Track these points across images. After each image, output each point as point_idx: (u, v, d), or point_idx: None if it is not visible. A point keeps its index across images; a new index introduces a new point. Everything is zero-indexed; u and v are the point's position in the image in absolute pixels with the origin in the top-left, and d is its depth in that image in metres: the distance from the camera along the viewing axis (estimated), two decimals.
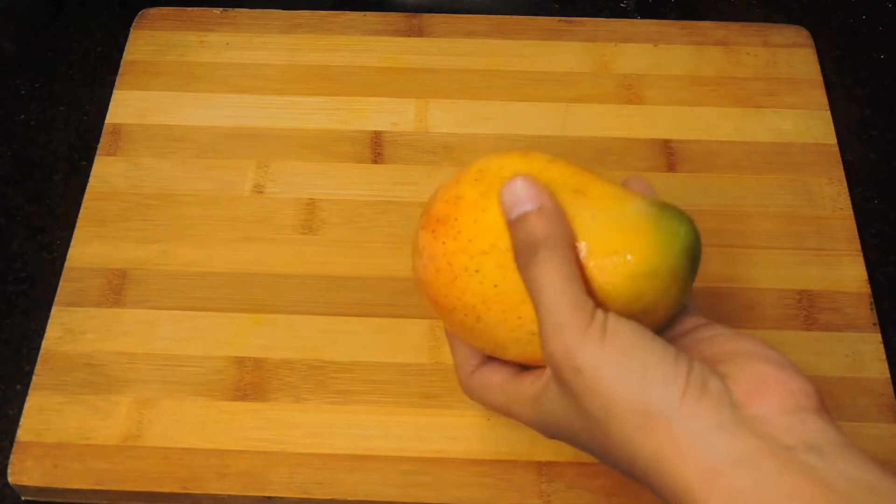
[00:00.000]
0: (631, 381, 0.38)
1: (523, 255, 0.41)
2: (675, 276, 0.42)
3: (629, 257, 0.41)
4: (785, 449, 0.36)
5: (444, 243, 0.44)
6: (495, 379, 0.46)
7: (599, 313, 0.40)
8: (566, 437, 0.43)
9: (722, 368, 0.39)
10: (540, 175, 0.43)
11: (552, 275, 0.40)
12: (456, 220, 0.44)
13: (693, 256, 0.43)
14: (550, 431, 0.44)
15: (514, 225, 0.42)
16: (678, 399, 0.37)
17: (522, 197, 0.42)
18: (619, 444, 0.39)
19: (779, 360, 0.40)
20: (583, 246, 0.41)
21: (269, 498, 0.55)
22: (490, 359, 0.47)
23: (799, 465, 0.35)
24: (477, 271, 0.43)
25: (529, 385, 0.44)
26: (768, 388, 0.38)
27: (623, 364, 0.38)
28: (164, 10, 0.74)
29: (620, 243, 0.41)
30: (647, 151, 0.67)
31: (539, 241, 0.41)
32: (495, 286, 0.43)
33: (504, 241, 0.42)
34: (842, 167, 0.66)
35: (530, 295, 0.41)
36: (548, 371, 0.42)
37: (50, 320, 0.60)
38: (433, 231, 0.45)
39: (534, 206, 0.41)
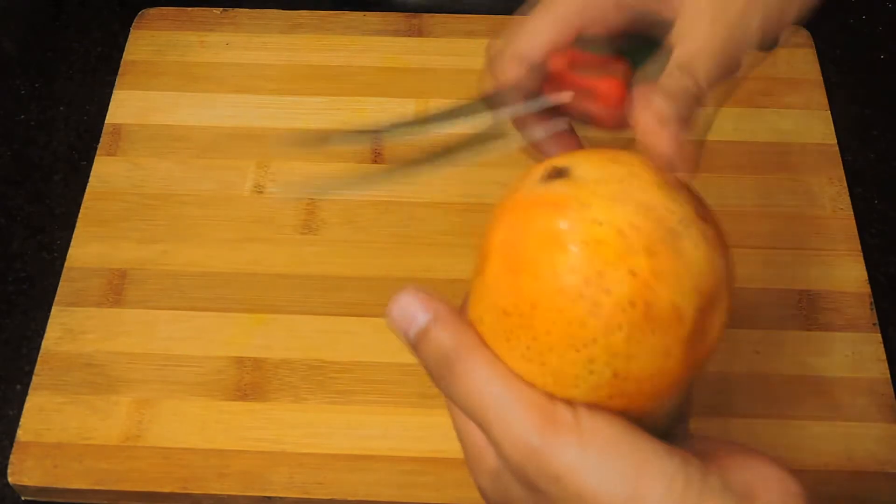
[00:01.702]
0: (624, 482, 0.33)
1: (438, 372, 0.35)
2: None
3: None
4: None
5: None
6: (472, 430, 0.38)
7: (563, 409, 0.34)
8: None
9: (721, 463, 0.35)
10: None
11: (484, 381, 0.34)
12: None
13: None
14: None
15: (416, 347, 0.36)
16: (679, 495, 0.33)
17: (414, 311, 0.36)
18: None
19: (776, 461, 0.36)
20: None
21: (269, 498, 0.55)
22: None
23: None
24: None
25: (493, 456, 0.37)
26: (768, 485, 0.34)
27: (611, 464, 0.33)
28: (164, 10, 0.74)
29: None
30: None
31: (450, 352, 0.35)
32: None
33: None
34: (842, 167, 0.66)
35: (471, 417, 0.35)
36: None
37: (50, 320, 0.60)
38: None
39: (427, 315, 0.36)
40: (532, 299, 0.33)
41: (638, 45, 0.39)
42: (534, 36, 0.39)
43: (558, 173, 0.35)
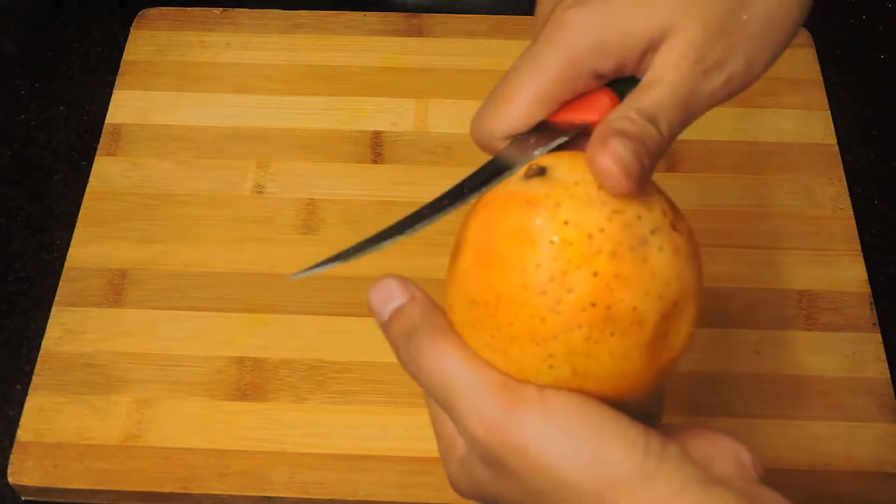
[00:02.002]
0: (586, 453, 0.34)
1: (407, 350, 0.37)
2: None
3: None
4: (754, 500, 0.34)
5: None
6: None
7: (529, 387, 0.35)
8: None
9: (678, 434, 0.36)
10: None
11: (450, 361, 0.35)
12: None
13: None
14: (474, 497, 0.40)
15: (388, 325, 0.38)
16: (640, 464, 0.34)
17: (393, 291, 0.38)
18: None
19: (727, 435, 0.37)
20: None
21: (269, 498, 0.55)
22: None
23: None
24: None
25: (462, 444, 0.38)
26: (725, 455, 0.36)
27: (574, 436, 0.34)
28: (164, 10, 0.74)
29: None
30: None
31: (420, 330, 0.36)
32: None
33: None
34: (842, 167, 0.66)
35: (437, 398, 0.36)
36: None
37: (50, 320, 0.60)
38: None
39: (404, 297, 0.38)
40: (498, 291, 0.34)
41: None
42: (514, 120, 0.38)
43: (538, 172, 0.35)
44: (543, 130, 0.38)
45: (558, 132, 0.38)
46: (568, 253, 0.33)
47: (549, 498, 0.36)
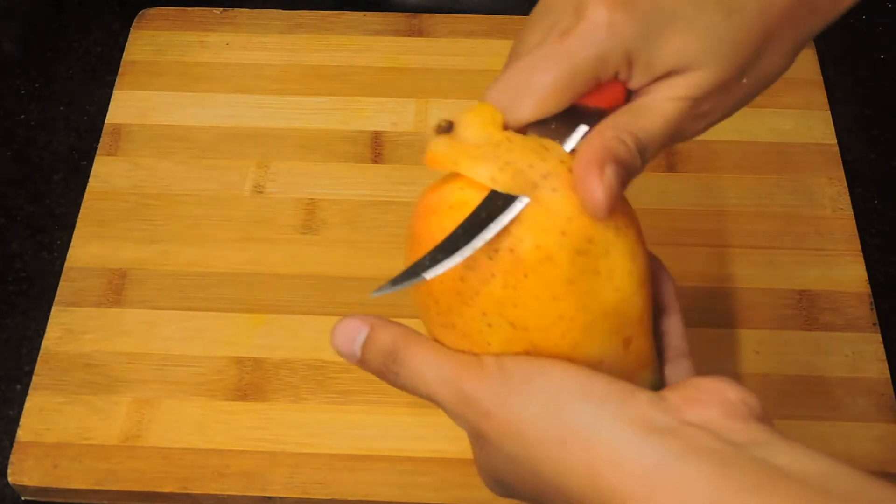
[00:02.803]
0: (544, 407, 0.35)
1: (388, 369, 0.39)
2: None
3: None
4: (727, 443, 0.33)
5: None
6: None
7: (489, 358, 0.37)
8: (505, 489, 0.40)
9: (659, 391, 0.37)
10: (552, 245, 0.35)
11: (421, 360, 0.37)
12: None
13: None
14: (487, 481, 0.40)
15: (364, 359, 0.39)
16: (597, 406, 0.34)
17: (353, 329, 0.39)
18: (550, 480, 0.35)
19: (718, 377, 0.37)
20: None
21: (269, 498, 0.55)
22: None
23: (744, 457, 0.33)
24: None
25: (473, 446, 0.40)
26: (707, 397, 0.35)
27: (532, 393, 0.35)
28: (164, 10, 0.74)
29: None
30: None
31: (391, 347, 0.38)
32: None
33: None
34: (842, 167, 0.66)
35: (423, 397, 0.38)
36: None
37: (50, 320, 0.60)
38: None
39: (365, 329, 0.39)
40: None
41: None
42: (539, 112, 0.39)
43: (446, 128, 0.37)
44: (563, 115, 0.39)
45: (578, 119, 0.39)
46: (466, 212, 0.35)
47: (521, 463, 0.36)
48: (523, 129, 0.39)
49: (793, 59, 0.41)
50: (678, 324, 0.41)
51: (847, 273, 0.62)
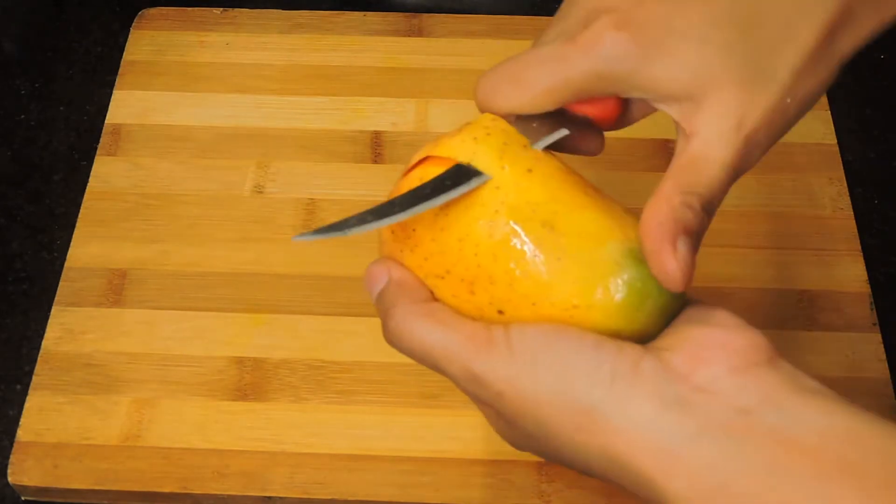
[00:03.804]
0: (553, 385, 0.35)
1: (388, 327, 0.39)
2: (642, 335, 0.37)
3: (599, 314, 0.37)
4: (741, 413, 0.33)
5: (401, 251, 0.40)
6: None
7: (497, 329, 0.36)
8: (526, 447, 0.40)
9: (660, 343, 0.36)
10: (514, 193, 0.38)
11: (422, 326, 0.38)
12: (414, 230, 0.39)
13: (667, 315, 0.38)
14: (507, 438, 0.40)
15: (377, 307, 0.40)
16: (607, 388, 0.34)
17: (374, 276, 0.40)
18: (570, 453, 0.36)
19: (722, 321, 0.37)
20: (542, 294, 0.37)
21: (269, 498, 0.55)
22: None
23: (759, 429, 0.32)
24: (431, 294, 0.40)
25: (490, 414, 0.40)
26: (711, 353, 0.35)
27: (539, 371, 0.35)
28: (164, 10, 0.74)
29: (582, 297, 0.36)
30: (648, 151, 0.66)
31: (393, 305, 0.39)
32: None
33: (460, 270, 0.38)
34: (842, 167, 0.66)
35: (424, 364, 0.38)
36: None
37: (50, 320, 0.60)
38: (393, 231, 0.41)
39: (383, 280, 0.40)
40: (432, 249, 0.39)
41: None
42: (523, 106, 0.40)
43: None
44: (548, 115, 0.39)
45: (560, 122, 0.39)
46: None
47: (540, 439, 0.36)
48: (508, 120, 0.40)
49: (837, 72, 0.40)
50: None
51: (847, 273, 0.62)
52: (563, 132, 0.39)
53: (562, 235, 0.37)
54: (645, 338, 0.37)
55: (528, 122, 0.40)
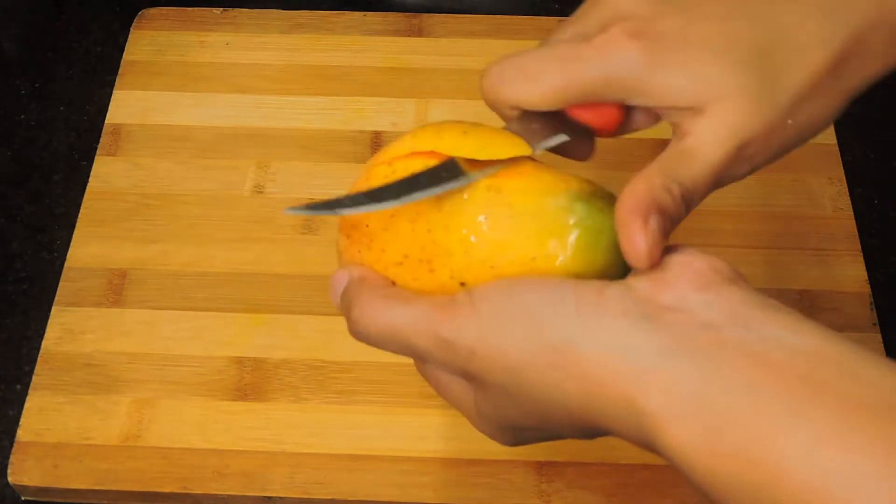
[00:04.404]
0: (520, 330, 0.35)
1: (352, 322, 0.39)
2: (605, 273, 0.38)
3: (558, 260, 0.37)
4: (708, 328, 0.33)
5: (359, 251, 0.41)
6: (443, 378, 0.41)
7: (460, 294, 0.37)
8: (519, 434, 0.40)
9: (624, 281, 0.36)
10: (452, 152, 0.39)
11: (384, 311, 0.38)
12: (367, 226, 0.40)
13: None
14: (502, 435, 0.40)
15: (341, 309, 0.40)
16: (574, 319, 0.34)
17: (335, 282, 0.40)
18: (550, 405, 0.35)
19: (680, 249, 0.37)
20: (503, 252, 0.38)
21: (269, 498, 0.55)
22: None
23: (728, 344, 0.33)
24: (393, 283, 0.40)
25: (465, 391, 0.40)
26: (674, 275, 0.35)
27: (505, 320, 0.35)
28: (164, 10, 0.74)
29: (539, 248, 0.37)
30: (648, 151, 0.66)
31: (351, 299, 0.39)
32: None
33: (416, 251, 0.39)
34: (842, 167, 0.66)
35: (397, 351, 0.39)
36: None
37: (50, 320, 0.60)
38: (348, 236, 0.41)
39: (344, 281, 0.40)
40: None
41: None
42: (530, 102, 0.40)
43: None
44: (549, 119, 0.40)
45: (560, 127, 0.39)
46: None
47: (518, 396, 0.36)
48: (508, 118, 0.40)
49: (846, 103, 0.40)
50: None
51: (847, 273, 0.62)
52: (563, 138, 0.40)
53: (508, 194, 0.38)
54: (606, 274, 0.38)
55: (528, 123, 0.40)
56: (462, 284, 0.38)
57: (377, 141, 0.67)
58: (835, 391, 0.31)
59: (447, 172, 0.38)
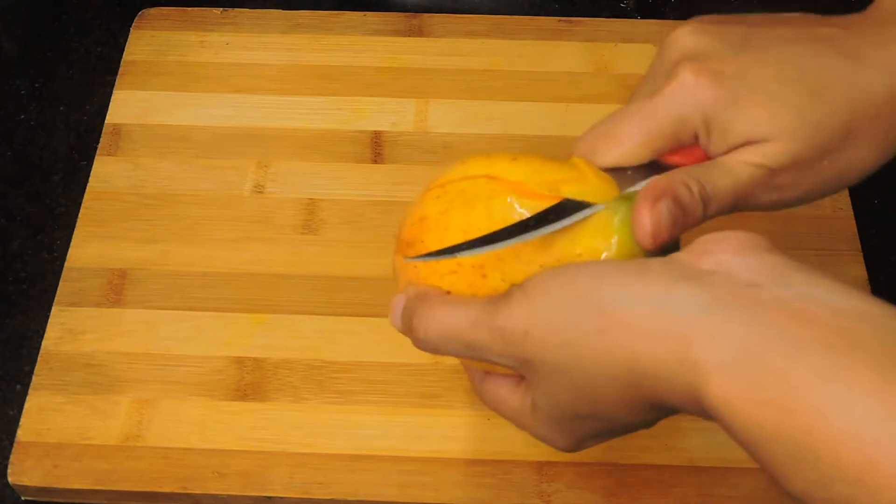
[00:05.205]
0: (572, 303, 0.37)
1: (417, 337, 0.42)
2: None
3: (602, 256, 0.40)
4: (750, 287, 0.34)
5: (415, 267, 0.43)
6: (500, 393, 0.44)
7: (513, 287, 0.39)
8: (575, 428, 0.41)
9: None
10: (504, 175, 0.42)
11: (442, 316, 0.40)
12: (422, 242, 0.43)
13: (665, 251, 0.41)
14: (560, 434, 0.42)
15: (404, 330, 0.43)
16: (618, 285, 0.36)
17: (393, 307, 0.43)
18: (601, 380, 0.37)
19: (717, 229, 0.39)
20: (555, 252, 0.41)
21: (269, 498, 0.55)
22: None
23: (770, 300, 0.34)
24: (448, 293, 0.42)
25: (522, 396, 0.42)
26: (714, 245, 0.37)
27: (553, 298, 0.37)
28: (164, 10, 0.74)
29: (585, 245, 0.41)
30: None
31: (413, 312, 0.41)
32: None
33: (469, 259, 0.42)
34: None
35: (459, 355, 0.41)
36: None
37: (50, 320, 0.60)
38: (403, 254, 0.44)
39: (402, 302, 0.43)
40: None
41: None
42: (618, 160, 0.43)
43: None
44: (641, 165, 0.43)
45: (652, 171, 0.43)
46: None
47: (574, 373, 0.37)
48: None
49: (888, 155, 0.43)
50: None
51: (847, 273, 0.62)
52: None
53: (553, 200, 0.41)
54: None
55: (623, 172, 0.43)
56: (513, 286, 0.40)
57: (377, 141, 0.67)
58: (871, 346, 0.32)
59: (554, 215, 0.40)
